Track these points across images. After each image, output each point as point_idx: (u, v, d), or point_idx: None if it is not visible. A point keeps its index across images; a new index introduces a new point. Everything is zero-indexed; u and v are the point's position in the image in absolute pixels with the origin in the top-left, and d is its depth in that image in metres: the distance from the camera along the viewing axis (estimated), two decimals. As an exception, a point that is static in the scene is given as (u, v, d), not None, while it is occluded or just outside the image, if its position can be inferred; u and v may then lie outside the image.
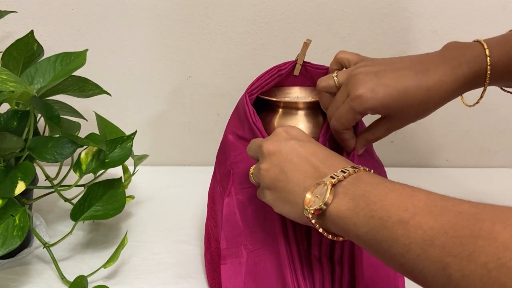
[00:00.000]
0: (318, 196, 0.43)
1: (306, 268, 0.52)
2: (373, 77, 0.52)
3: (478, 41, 0.53)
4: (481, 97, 0.54)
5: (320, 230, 0.44)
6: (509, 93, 0.58)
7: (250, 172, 0.53)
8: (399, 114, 0.53)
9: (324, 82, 0.57)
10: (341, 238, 0.44)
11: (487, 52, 0.51)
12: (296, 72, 0.63)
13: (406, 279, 0.42)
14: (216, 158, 0.64)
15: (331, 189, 0.42)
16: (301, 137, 0.49)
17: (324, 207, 0.42)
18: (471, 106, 0.56)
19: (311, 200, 0.43)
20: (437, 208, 0.36)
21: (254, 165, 0.52)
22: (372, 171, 0.44)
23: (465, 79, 0.51)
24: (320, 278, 0.51)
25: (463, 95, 0.56)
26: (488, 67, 0.51)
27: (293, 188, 0.46)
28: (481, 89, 0.54)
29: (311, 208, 0.43)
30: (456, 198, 0.36)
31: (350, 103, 0.52)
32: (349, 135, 0.56)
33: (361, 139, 0.57)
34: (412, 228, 0.35)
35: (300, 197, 0.45)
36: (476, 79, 0.52)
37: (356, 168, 0.43)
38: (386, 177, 0.52)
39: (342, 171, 0.43)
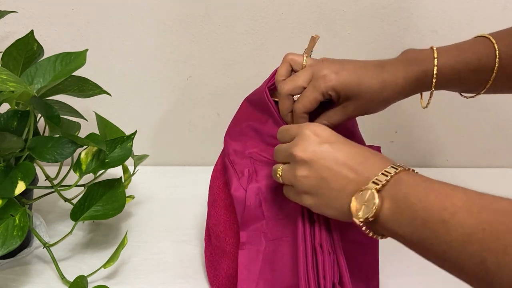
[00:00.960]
0: (366, 203, 0.43)
1: (314, 257, 0.52)
2: (338, 64, 0.56)
3: (431, 47, 0.57)
4: (430, 97, 0.58)
5: (370, 234, 0.45)
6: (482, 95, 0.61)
7: (277, 174, 0.51)
8: (355, 99, 0.55)
9: (289, 84, 0.56)
10: (387, 237, 0.45)
11: (435, 55, 0.55)
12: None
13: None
14: (227, 143, 0.63)
15: (377, 196, 0.43)
16: (333, 138, 0.49)
17: (375, 216, 0.43)
18: (424, 107, 0.60)
19: (358, 208, 0.44)
20: (475, 206, 0.38)
21: (280, 165, 0.51)
22: (412, 169, 0.45)
23: (416, 78, 0.55)
24: (322, 264, 0.52)
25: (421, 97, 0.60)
26: (435, 68, 0.55)
27: (336, 195, 0.47)
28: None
29: (361, 218, 0.44)
30: (495, 196, 0.39)
31: (314, 82, 0.55)
32: (305, 121, 0.56)
33: (322, 118, 0.58)
34: (452, 227, 0.38)
35: (345, 203, 0.46)
36: (424, 79, 0.56)
37: (396, 168, 0.44)
38: None
39: (383, 174, 0.44)
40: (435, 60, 0.55)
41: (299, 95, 0.57)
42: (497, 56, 0.55)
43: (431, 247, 0.39)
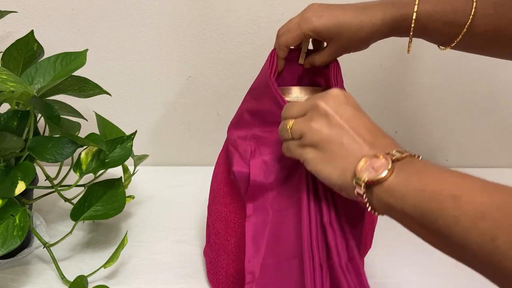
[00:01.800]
0: (374, 167, 0.43)
1: (319, 232, 0.52)
2: (324, 8, 0.61)
3: None
4: (410, 42, 0.62)
5: (365, 201, 0.44)
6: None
7: (287, 126, 0.50)
8: (336, 39, 0.60)
9: (284, 27, 0.62)
10: (376, 213, 0.45)
11: (416, 1, 0.58)
12: (301, 60, 0.65)
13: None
14: (230, 132, 0.63)
15: (391, 164, 0.42)
16: (358, 106, 0.49)
17: (381, 180, 0.42)
18: (408, 52, 0.64)
19: (364, 169, 0.43)
20: (490, 187, 0.38)
21: (291, 120, 0.50)
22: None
23: (393, 20, 0.59)
24: (334, 241, 0.52)
25: (410, 45, 0.63)
26: (414, 14, 0.58)
27: (346, 154, 0.46)
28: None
29: (364, 178, 0.43)
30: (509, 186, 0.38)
31: (299, 22, 0.61)
32: (283, 54, 0.62)
33: (307, 61, 0.64)
34: (464, 203, 0.37)
35: (351, 165, 0.45)
36: (402, 23, 0.59)
37: (410, 153, 0.44)
38: None
39: (398, 151, 0.44)
40: (415, 7, 0.58)
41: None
42: (472, 14, 0.57)
43: (435, 221, 0.38)
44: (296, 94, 0.65)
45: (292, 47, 0.63)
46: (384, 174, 0.42)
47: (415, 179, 0.41)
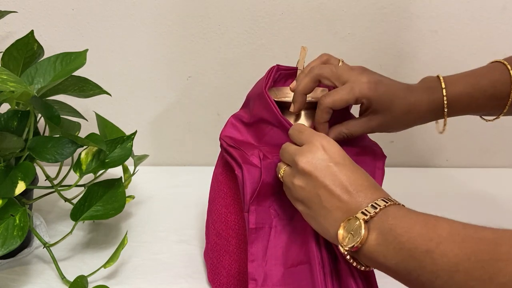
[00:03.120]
0: (352, 232, 0.44)
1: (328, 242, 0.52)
2: (377, 76, 0.57)
3: (437, 76, 0.59)
4: (445, 124, 0.61)
5: (354, 264, 0.46)
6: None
7: (280, 174, 0.53)
8: (383, 114, 0.56)
9: (331, 98, 0.56)
10: (372, 268, 0.47)
11: (443, 85, 0.58)
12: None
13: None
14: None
15: (364, 226, 0.43)
16: (338, 158, 0.49)
17: (360, 245, 0.44)
18: (440, 133, 0.63)
19: (345, 236, 0.45)
20: (459, 236, 0.38)
21: (284, 165, 0.52)
22: (401, 204, 0.46)
23: (436, 104, 0.58)
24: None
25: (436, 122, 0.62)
26: (444, 98, 0.57)
27: (325, 215, 0.47)
28: None
29: (346, 246, 0.45)
30: (478, 226, 0.39)
31: (352, 85, 0.55)
32: (327, 117, 0.56)
33: (336, 130, 0.58)
34: (438, 257, 0.38)
35: (332, 226, 0.47)
36: (442, 107, 0.58)
37: (386, 202, 0.45)
38: (383, 163, 0.58)
39: (373, 206, 0.45)
40: (443, 91, 0.57)
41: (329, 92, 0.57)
42: None
43: (418, 277, 0.40)
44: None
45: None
46: (361, 237, 0.43)
47: (390, 237, 0.42)
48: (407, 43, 0.90)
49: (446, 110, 0.58)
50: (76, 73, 0.67)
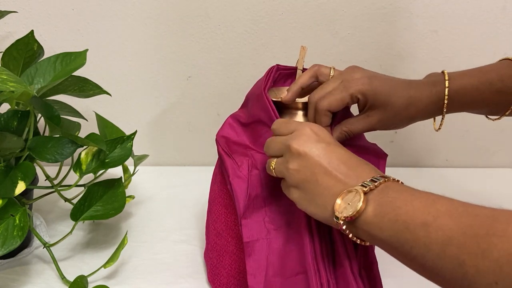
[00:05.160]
0: (350, 203, 0.44)
1: (323, 246, 0.52)
2: (370, 72, 0.57)
3: (442, 72, 0.59)
4: (442, 119, 0.60)
5: (350, 235, 0.45)
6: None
7: (271, 167, 0.52)
8: (382, 109, 0.56)
9: (319, 92, 0.56)
10: (367, 243, 0.46)
11: (446, 77, 0.57)
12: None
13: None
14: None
15: (363, 197, 0.43)
16: (330, 140, 0.49)
17: (357, 215, 0.43)
18: (437, 130, 0.62)
19: (342, 206, 0.44)
20: (457, 211, 0.38)
21: (273, 159, 0.52)
22: (401, 181, 0.46)
23: (438, 98, 0.57)
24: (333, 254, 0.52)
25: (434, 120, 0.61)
26: (446, 90, 0.57)
27: (323, 192, 0.47)
28: None
29: (342, 215, 0.44)
30: (478, 205, 0.38)
31: (345, 83, 0.55)
32: (327, 120, 0.56)
33: (337, 130, 0.58)
34: (433, 230, 0.38)
35: (329, 202, 0.46)
36: (443, 101, 0.57)
37: (386, 178, 0.45)
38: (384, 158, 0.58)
39: (372, 180, 0.44)
40: (446, 82, 0.56)
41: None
42: None
43: (410, 250, 0.39)
44: None
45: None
46: (358, 207, 0.43)
47: (388, 209, 0.42)
48: (407, 43, 0.90)
49: (446, 102, 0.57)
50: (76, 73, 0.67)
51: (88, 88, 0.70)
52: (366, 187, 0.44)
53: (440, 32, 0.90)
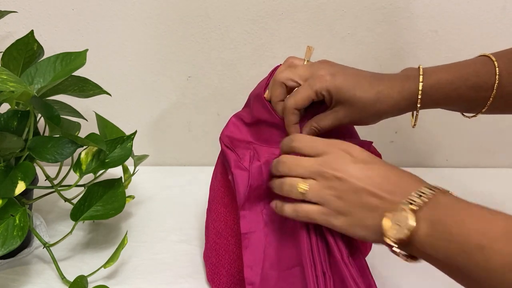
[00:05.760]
0: (399, 223, 0.42)
1: (319, 239, 0.52)
2: (337, 67, 0.56)
3: (419, 67, 0.57)
4: (417, 114, 0.58)
5: (403, 256, 0.44)
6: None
7: (299, 189, 0.49)
8: (347, 105, 0.55)
9: (286, 73, 0.56)
10: (421, 260, 0.44)
11: (420, 72, 0.55)
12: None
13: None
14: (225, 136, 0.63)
15: (413, 217, 0.42)
16: (367, 158, 0.48)
17: (410, 236, 0.42)
18: (413, 126, 0.60)
19: (391, 227, 0.43)
20: None
21: (300, 180, 0.49)
22: (450, 191, 0.44)
23: (411, 94, 0.55)
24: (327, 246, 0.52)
25: (415, 114, 0.59)
26: (420, 84, 0.55)
27: (370, 214, 0.46)
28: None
29: (393, 238, 0.43)
30: None
31: (310, 81, 0.55)
32: (295, 118, 0.56)
33: (307, 125, 0.57)
34: (491, 254, 0.37)
35: (377, 223, 0.45)
36: (417, 96, 0.56)
37: (433, 189, 0.43)
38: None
39: (418, 194, 0.43)
40: (420, 77, 0.55)
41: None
42: (497, 73, 0.55)
43: (469, 274, 0.38)
44: None
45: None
46: (411, 228, 0.41)
47: (440, 228, 0.40)
48: (407, 43, 0.90)
49: (420, 97, 0.55)
50: (76, 73, 0.67)
51: (88, 88, 0.70)
52: (412, 204, 0.42)
53: (440, 32, 0.90)
